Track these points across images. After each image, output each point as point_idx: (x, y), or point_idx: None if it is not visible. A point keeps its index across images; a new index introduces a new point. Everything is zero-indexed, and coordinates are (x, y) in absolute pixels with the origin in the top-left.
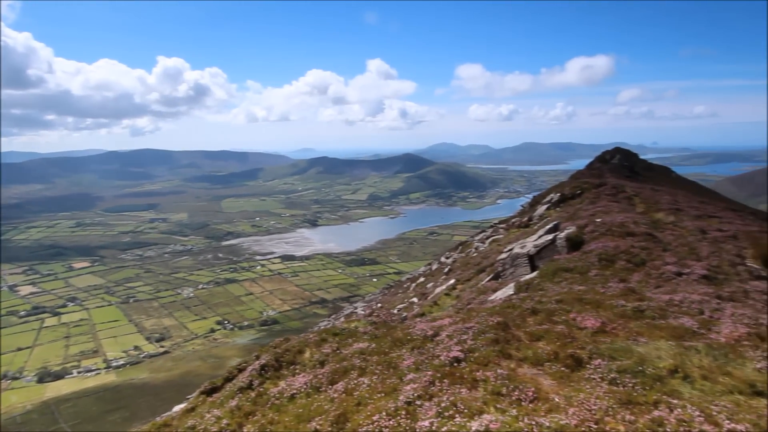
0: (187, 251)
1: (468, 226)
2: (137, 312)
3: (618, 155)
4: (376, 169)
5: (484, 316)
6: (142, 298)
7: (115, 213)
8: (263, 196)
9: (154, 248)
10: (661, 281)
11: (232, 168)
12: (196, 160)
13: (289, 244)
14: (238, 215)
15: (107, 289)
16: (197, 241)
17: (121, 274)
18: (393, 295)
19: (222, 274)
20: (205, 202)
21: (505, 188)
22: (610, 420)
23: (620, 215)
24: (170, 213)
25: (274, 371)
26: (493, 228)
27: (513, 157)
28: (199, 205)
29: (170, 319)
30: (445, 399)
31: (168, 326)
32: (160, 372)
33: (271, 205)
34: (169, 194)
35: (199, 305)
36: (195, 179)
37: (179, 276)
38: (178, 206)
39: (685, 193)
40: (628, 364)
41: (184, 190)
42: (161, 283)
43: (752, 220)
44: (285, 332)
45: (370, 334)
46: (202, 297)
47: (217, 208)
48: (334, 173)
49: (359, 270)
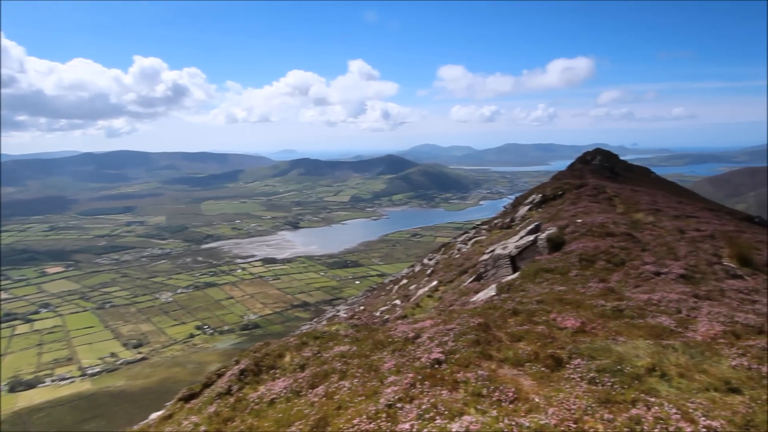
0: (165, 255)
1: (451, 228)
2: (114, 318)
3: (599, 156)
4: (358, 171)
5: (466, 317)
6: (119, 303)
7: (91, 216)
8: (244, 198)
9: (131, 252)
10: (640, 281)
11: (212, 170)
12: (175, 162)
13: (271, 247)
14: (217, 218)
15: (82, 294)
16: (176, 244)
17: (96, 278)
18: (376, 298)
19: (201, 278)
20: (183, 205)
21: (487, 189)
22: (588, 419)
23: (601, 216)
24: (148, 216)
25: (253, 376)
26: (476, 229)
27: (495, 158)
28: (177, 208)
29: (148, 324)
30: (426, 401)
31: (146, 332)
32: (137, 379)
33: (252, 208)
34: (146, 197)
35: (178, 310)
36: (173, 181)
37: (157, 280)
38: (156, 209)
39: (664, 193)
40: (607, 363)
41: (162, 193)
42: (138, 288)
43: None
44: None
45: (351, 337)
46: (181, 301)
47: (197, 211)
48: (316, 175)
49: (341, 272)
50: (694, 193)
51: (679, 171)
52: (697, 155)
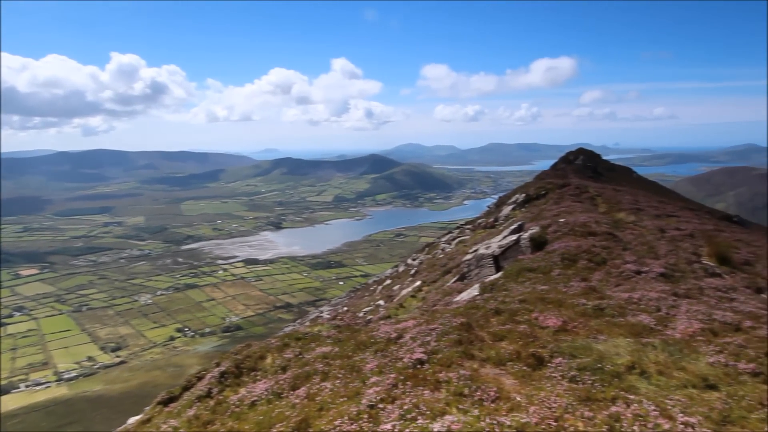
0: (144, 256)
1: (435, 228)
2: (91, 321)
3: (581, 156)
4: (342, 170)
5: (448, 317)
6: (96, 306)
7: (66, 217)
8: (225, 198)
9: (109, 253)
10: (621, 280)
11: (192, 169)
12: (154, 161)
13: (253, 248)
14: (198, 218)
15: (58, 297)
16: (155, 245)
17: (72, 281)
18: (359, 298)
19: (182, 280)
20: (163, 205)
21: (471, 189)
22: (569, 417)
23: (583, 215)
24: (126, 216)
25: (234, 378)
26: (460, 229)
27: (479, 157)
28: (156, 208)
29: (127, 327)
30: (408, 401)
31: (124, 335)
32: (115, 383)
33: (234, 208)
34: (124, 197)
35: (158, 312)
36: (152, 181)
37: (136, 282)
38: (135, 209)
39: (645, 193)
40: (588, 361)
41: (141, 193)
42: (117, 290)
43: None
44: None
45: (334, 337)
46: (161, 303)
47: (177, 211)
48: (299, 174)
49: (325, 273)
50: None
51: (660, 171)
52: (677, 155)
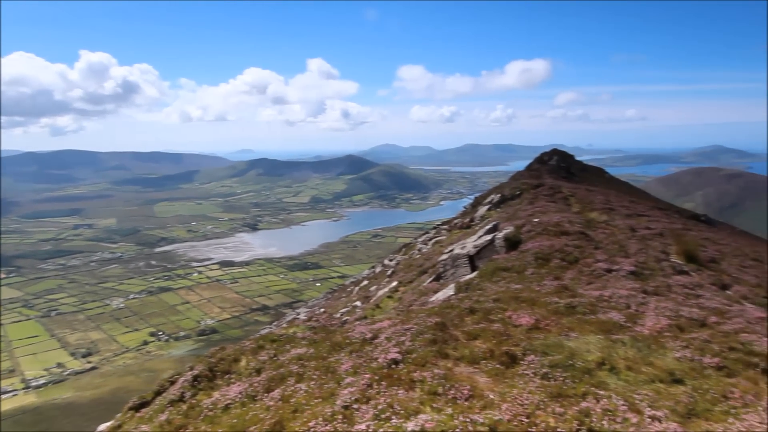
0: (116, 259)
1: (412, 228)
2: (60, 326)
3: (555, 157)
4: (318, 171)
5: (423, 317)
6: (66, 310)
7: (34, 219)
8: (199, 200)
9: (79, 257)
10: (593, 278)
11: (166, 170)
12: (125, 162)
13: (228, 250)
14: (172, 220)
15: (25, 302)
16: (127, 248)
17: (41, 285)
18: (336, 300)
19: (155, 283)
20: (135, 207)
21: (447, 189)
22: (540, 413)
23: (556, 215)
24: (97, 218)
25: (207, 381)
26: (436, 229)
27: (455, 158)
28: (129, 210)
29: (98, 332)
30: (382, 401)
31: (95, 340)
32: (86, 390)
33: (208, 209)
34: (95, 198)
35: (131, 316)
36: (124, 182)
37: (108, 286)
38: (106, 211)
39: (617, 193)
40: (560, 358)
41: (112, 194)
42: (87, 294)
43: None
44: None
45: (309, 339)
46: (134, 307)
47: (149, 213)
48: (275, 175)
49: (302, 275)
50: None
51: (631, 171)
52: (648, 156)
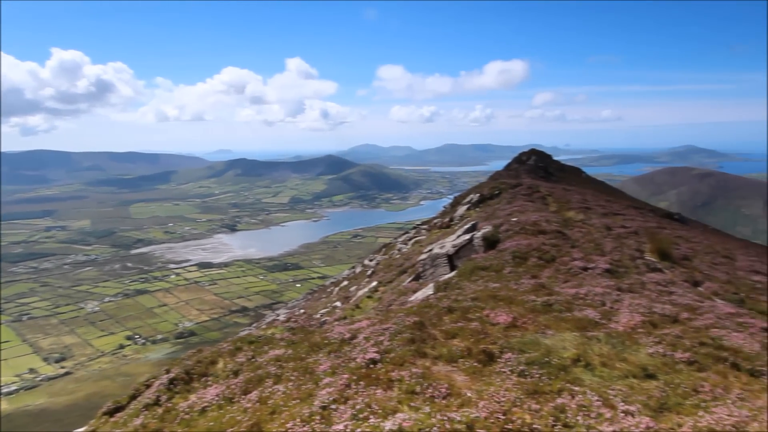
0: (90, 261)
1: (392, 228)
2: (32, 331)
3: (534, 156)
4: (298, 171)
5: (402, 316)
6: (38, 315)
7: (4, 221)
8: (177, 201)
9: (52, 259)
10: (569, 276)
11: (141, 170)
12: (100, 162)
13: (206, 251)
14: (148, 221)
15: None
16: (102, 250)
17: (12, 289)
18: (316, 300)
19: (132, 285)
20: (110, 208)
21: (427, 189)
22: (517, 410)
23: (534, 214)
24: (70, 220)
25: (184, 384)
26: (416, 229)
27: (435, 158)
28: (103, 211)
29: (72, 336)
30: (360, 401)
31: (69, 344)
32: (60, 396)
33: (186, 210)
34: (68, 200)
35: (106, 320)
36: (98, 183)
37: (82, 289)
38: (80, 212)
39: (593, 192)
40: (536, 356)
41: (86, 195)
42: (61, 298)
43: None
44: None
45: (287, 340)
46: (109, 311)
47: (125, 214)
48: (254, 175)
49: (282, 276)
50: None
51: (607, 171)
52: (624, 156)
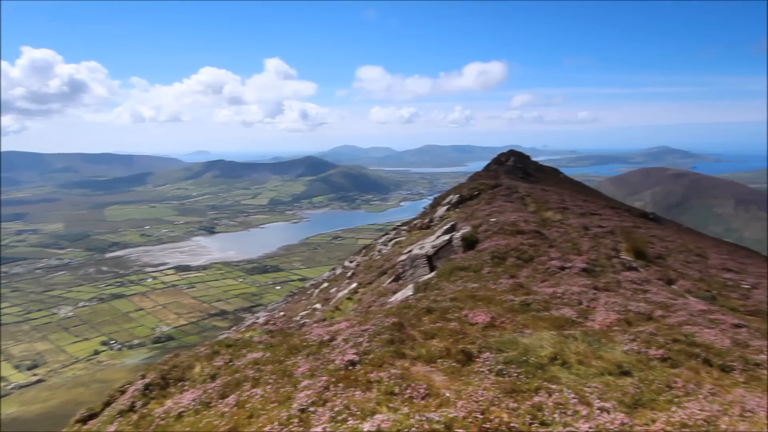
0: (63, 266)
1: (372, 229)
2: (3, 337)
3: (512, 157)
4: (277, 173)
5: (381, 317)
6: (9, 321)
7: None
8: (153, 203)
9: (23, 264)
10: (547, 275)
11: (117, 172)
12: (73, 164)
13: (184, 254)
14: (124, 224)
15: None
16: (76, 253)
17: None
18: (296, 303)
19: (107, 290)
20: (84, 211)
21: (407, 190)
22: (495, 409)
23: (513, 214)
24: (42, 223)
25: (160, 390)
26: (396, 230)
27: (415, 159)
28: (77, 214)
29: (45, 343)
30: (339, 403)
31: (42, 351)
32: (33, 404)
33: (163, 212)
34: (40, 202)
35: (80, 325)
36: (72, 185)
37: (55, 294)
38: (52, 215)
39: (571, 192)
40: (514, 355)
41: (59, 198)
42: (33, 303)
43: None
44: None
45: (266, 343)
46: (84, 316)
47: (100, 217)
48: (232, 177)
49: (261, 278)
50: (598, 192)
51: (585, 171)
52: (600, 156)
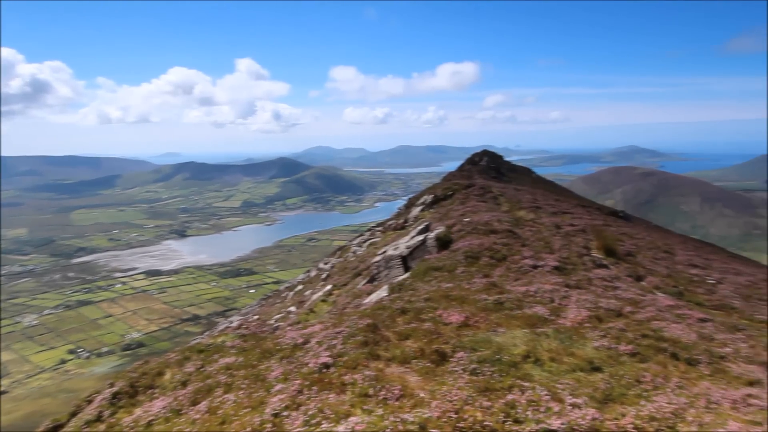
0: (27, 272)
1: (347, 231)
2: None
3: (486, 157)
4: (250, 174)
5: (355, 319)
6: None
7: None
8: (122, 206)
9: None
10: (519, 274)
11: (83, 175)
12: (37, 167)
13: (155, 258)
14: (91, 228)
15: None
16: (41, 259)
17: None
18: (271, 306)
19: (74, 296)
20: (49, 215)
21: (382, 191)
22: (469, 408)
23: (486, 214)
24: (4, 228)
25: (128, 398)
26: (371, 231)
27: (389, 160)
28: (41, 219)
29: (8, 352)
30: (313, 406)
31: (5, 361)
32: None
33: (132, 216)
34: (2, 207)
35: (46, 333)
36: (35, 188)
37: (18, 302)
38: (15, 220)
39: (543, 191)
40: (487, 353)
41: (22, 202)
42: None
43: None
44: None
45: (238, 347)
46: (50, 324)
47: (65, 221)
48: (204, 179)
49: (235, 282)
50: (569, 191)
51: (557, 171)
52: (572, 156)
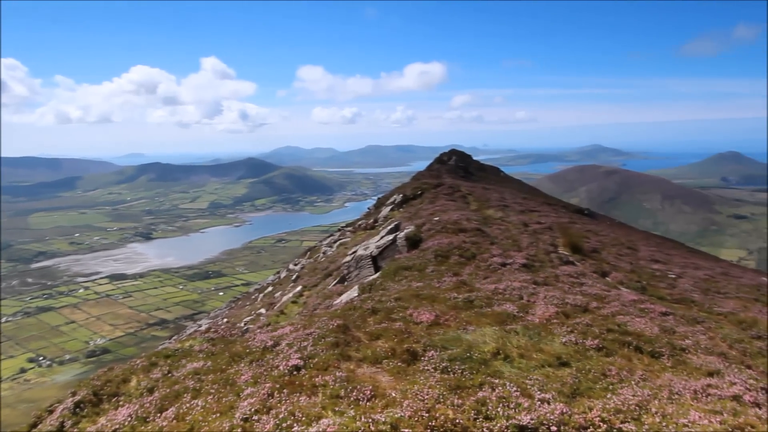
0: None
1: (317, 231)
2: None
3: (454, 157)
4: (217, 175)
5: (326, 320)
6: None
7: None
8: (83, 209)
9: None
10: (489, 272)
11: (41, 177)
12: None
13: (119, 262)
14: (51, 232)
15: None
16: None
17: None
18: (240, 308)
19: (33, 303)
20: (5, 219)
21: (352, 191)
22: (440, 406)
23: (456, 213)
24: None
25: (92, 407)
26: (341, 231)
27: (358, 159)
28: None
29: None
30: (284, 409)
31: None
32: None
33: (94, 219)
34: None
35: (4, 342)
36: None
37: None
38: None
39: (511, 190)
40: (458, 352)
41: None
42: None
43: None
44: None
45: (207, 351)
46: (8, 332)
47: (23, 225)
48: (169, 180)
49: (203, 284)
50: (536, 190)
51: (524, 170)
52: (538, 155)
